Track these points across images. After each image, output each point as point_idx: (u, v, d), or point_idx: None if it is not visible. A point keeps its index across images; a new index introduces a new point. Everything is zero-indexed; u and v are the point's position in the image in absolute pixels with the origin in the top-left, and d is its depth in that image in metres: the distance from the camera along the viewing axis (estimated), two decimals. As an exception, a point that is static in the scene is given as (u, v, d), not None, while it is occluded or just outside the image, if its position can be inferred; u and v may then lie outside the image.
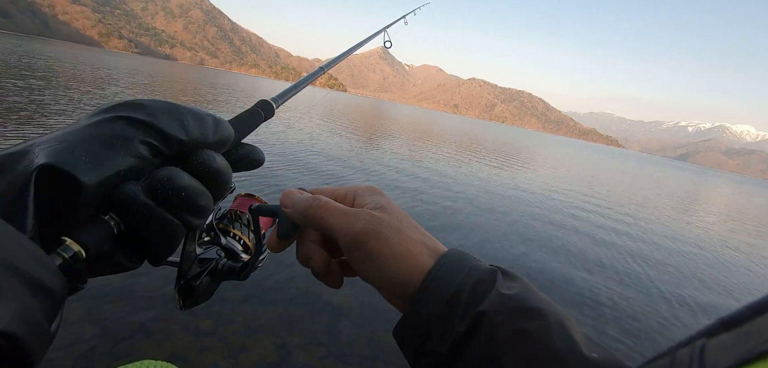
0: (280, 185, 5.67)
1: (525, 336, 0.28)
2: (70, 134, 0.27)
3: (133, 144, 0.28)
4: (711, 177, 64.62)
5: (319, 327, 2.58)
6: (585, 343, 0.28)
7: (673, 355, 0.20)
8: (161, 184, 0.27)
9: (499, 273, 0.32)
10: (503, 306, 0.29)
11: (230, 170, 0.34)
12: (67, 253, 0.23)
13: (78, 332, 2.14)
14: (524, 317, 0.29)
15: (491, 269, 0.32)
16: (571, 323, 0.29)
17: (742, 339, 0.17)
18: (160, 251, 0.29)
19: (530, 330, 0.28)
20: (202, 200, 0.30)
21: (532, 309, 0.29)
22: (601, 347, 0.28)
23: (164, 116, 0.30)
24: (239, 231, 0.43)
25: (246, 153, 0.38)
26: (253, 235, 0.43)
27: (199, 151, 0.31)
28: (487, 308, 0.29)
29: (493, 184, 9.64)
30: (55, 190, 0.24)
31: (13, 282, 0.18)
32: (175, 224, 0.28)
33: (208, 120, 0.33)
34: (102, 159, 0.26)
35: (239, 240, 0.42)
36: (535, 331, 0.28)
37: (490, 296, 0.30)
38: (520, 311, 0.29)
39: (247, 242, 0.43)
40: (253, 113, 0.42)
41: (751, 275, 6.48)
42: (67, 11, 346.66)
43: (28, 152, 0.25)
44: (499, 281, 0.31)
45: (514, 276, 0.33)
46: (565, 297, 3.90)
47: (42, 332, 0.19)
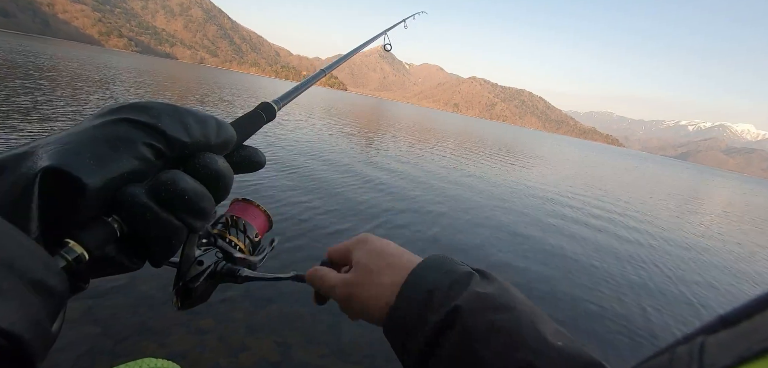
0: (279, 187, 5.67)
1: (496, 328, 0.30)
2: (74, 135, 0.27)
3: (137, 146, 0.28)
4: (710, 176, 64.59)
5: (319, 325, 2.58)
6: (552, 333, 0.30)
7: (672, 352, 0.20)
8: (164, 186, 0.28)
9: (477, 275, 0.35)
10: (477, 303, 0.32)
11: (232, 173, 0.34)
12: (71, 255, 0.23)
13: (79, 331, 2.14)
14: (496, 311, 0.31)
15: (468, 271, 0.36)
16: (541, 317, 0.32)
17: (742, 336, 0.17)
18: (162, 252, 0.29)
19: (501, 323, 0.30)
20: (203, 202, 0.30)
21: (504, 304, 0.32)
22: (566, 336, 0.31)
23: (167, 119, 0.30)
24: (235, 237, 0.43)
25: (247, 155, 0.39)
26: (248, 241, 0.44)
27: (201, 153, 0.32)
28: (461, 303, 0.32)
29: (495, 184, 9.63)
30: (59, 192, 0.24)
31: (15, 283, 0.18)
32: (176, 227, 0.29)
33: (211, 122, 0.33)
34: (105, 161, 0.26)
35: (235, 247, 0.43)
36: (506, 323, 0.30)
37: (464, 293, 0.33)
38: (493, 307, 0.32)
39: (242, 247, 0.44)
40: (254, 115, 0.42)
41: (751, 272, 6.47)
42: (67, 10, 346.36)
43: (32, 154, 0.25)
44: (475, 280, 0.34)
45: (493, 277, 0.35)
46: (565, 295, 3.90)
47: (44, 332, 0.19)
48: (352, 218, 4.83)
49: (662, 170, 45.10)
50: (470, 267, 0.37)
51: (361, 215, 5.06)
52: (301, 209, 4.72)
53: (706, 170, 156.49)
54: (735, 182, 55.90)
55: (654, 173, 32.13)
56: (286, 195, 5.20)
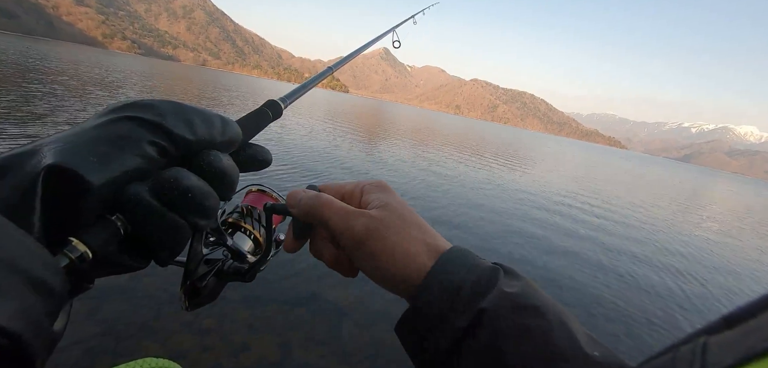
0: (285, 185, 5.76)
1: (526, 333, 0.28)
2: (78, 134, 0.27)
3: (141, 144, 0.28)
4: (713, 178, 64.25)
5: (321, 325, 2.57)
6: (586, 341, 0.28)
7: (675, 352, 0.20)
8: (167, 184, 0.27)
9: (501, 271, 0.32)
10: (504, 303, 0.29)
11: (237, 171, 0.34)
12: (74, 254, 0.23)
13: (81, 330, 2.15)
14: (525, 314, 0.29)
15: (493, 267, 0.33)
16: (573, 321, 0.29)
17: (745, 336, 0.17)
18: (166, 252, 0.29)
19: (531, 327, 0.28)
20: (208, 200, 0.30)
21: (534, 306, 0.29)
22: (602, 346, 0.28)
23: (172, 117, 0.30)
24: (251, 226, 0.42)
25: (253, 154, 0.38)
26: (263, 230, 0.43)
27: (205, 151, 0.31)
28: (488, 305, 0.29)
29: (498, 184, 9.63)
30: (63, 190, 0.24)
31: (15, 281, 0.18)
32: (180, 225, 0.28)
33: (216, 120, 0.33)
34: (109, 159, 0.26)
35: (250, 235, 0.42)
36: (537, 328, 0.28)
37: (491, 293, 0.30)
38: (522, 308, 0.29)
39: (257, 237, 0.42)
40: (260, 112, 0.41)
41: (754, 272, 6.43)
42: (71, 12, 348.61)
43: (36, 152, 0.25)
44: (501, 278, 0.31)
45: (517, 274, 0.33)
46: (571, 294, 3.91)
47: (44, 331, 0.19)
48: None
49: (664, 172, 44.96)
50: (492, 262, 0.34)
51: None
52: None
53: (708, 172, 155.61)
54: (737, 184, 55.60)
55: (657, 176, 32.05)
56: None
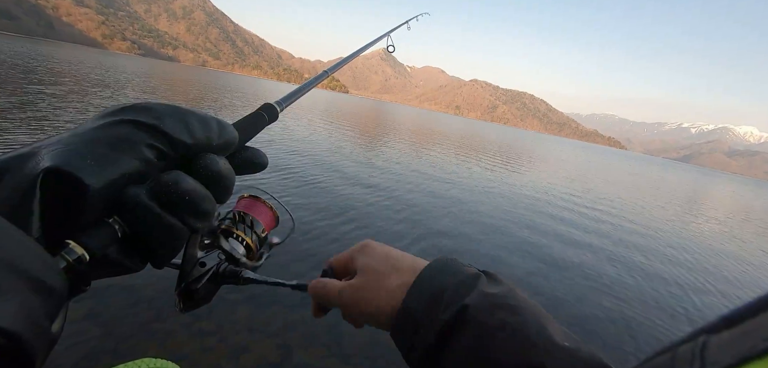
0: (282, 190, 5.70)
1: (503, 327, 0.31)
2: (76, 136, 0.27)
3: (139, 147, 0.28)
4: (712, 178, 64.25)
5: (320, 327, 2.58)
6: (559, 334, 0.31)
7: (674, 352, 0.20)
8: (165, 187, 0.28)
9: (484, 276, 0.36)
10: (484, 302, 0.33)
11: (234, 174, 0.34)
12: (71, 256, 0.23)
13: (80, 331, 2.15)
14: (503, 312, 0.32)
15: (475, 273, 0.37)
16: (548, 319, 0.33)
17: (744, 336, 0.17)
18: (163, 254, 0.29)
19: (508, 323, 0.31)
20: (205, 204, 0.30)
21: (510, 305, 0.33)
22: (575, 339, 0.32)
23: (169, 120, 0.30)
24: (243, 233, 0.43)
25: (249, 156, 0.39)
26: (256, 237, 0.44)
27: (203, 155, 0.31)
28: (469, 302, 0.33)
29: (498, 184, 9.63)
30: (61, 192, 0.24)
31: (15, 282, 0.18)
32: (178, 228, 0.29)
33: (213, 123, 0.33)
34: (107, 162, 0.26)
35: (242, 241, 0.42)
36: (512, 323, 0.31)
37: (472, 293, 0.34)
38: (500, 307, 0.33)
39: (250, 243, 0.43)
40: (257, 116, 0.42)
41: (754, 272, 6.42)
42: (71, 13, 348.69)
43: (34, 155, 0.25)
44: (482, 282, 0.35)
45: (500, 280, 0.36)
46: (572, 294, 3.90)
47: (43, 332, 0.19)
48: (354, 222, 4.84)
49: (664, 172, 44.93)
50: (477, 269, 0.38)
51: (363, 218, 5.07)
52: (303, 212, 4.73)
53: (708, 172, 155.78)
54: (736, 184, 55.59)
55: (656, 176, 32.02)
56: (289, 198, 5.22)
